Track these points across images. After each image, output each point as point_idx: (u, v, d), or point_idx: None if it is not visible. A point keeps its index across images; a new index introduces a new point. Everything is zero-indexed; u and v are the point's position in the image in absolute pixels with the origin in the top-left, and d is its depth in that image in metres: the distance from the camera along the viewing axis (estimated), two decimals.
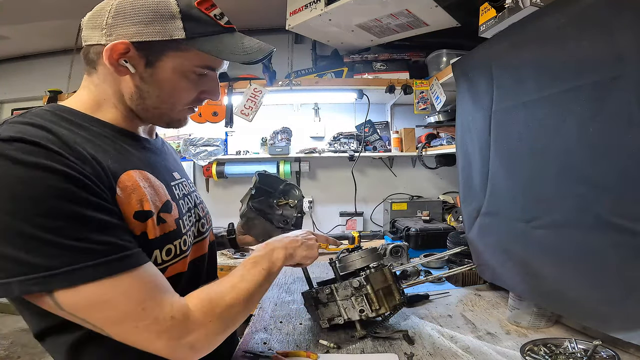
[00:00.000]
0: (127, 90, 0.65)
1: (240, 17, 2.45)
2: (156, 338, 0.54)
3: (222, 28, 0.66)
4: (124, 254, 0.52)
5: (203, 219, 0.82)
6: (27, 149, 0.49)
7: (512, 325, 1.00)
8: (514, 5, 1.03)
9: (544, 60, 0.87)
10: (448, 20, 1.79)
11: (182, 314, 0.56)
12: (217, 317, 0.60)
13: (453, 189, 2.54)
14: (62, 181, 0.49)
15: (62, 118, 0.59)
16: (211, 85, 0.71)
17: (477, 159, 1.15)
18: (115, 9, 0.61)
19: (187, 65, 0.65)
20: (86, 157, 0.54)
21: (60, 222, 0.48)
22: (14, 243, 0.47)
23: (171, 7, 0.61)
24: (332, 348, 0.88)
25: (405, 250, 1.54)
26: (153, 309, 0.53)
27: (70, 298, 0.50)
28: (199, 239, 0.79)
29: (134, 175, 0.61)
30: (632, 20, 0.64)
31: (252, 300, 0.68)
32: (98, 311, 0.51)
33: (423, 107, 2.03)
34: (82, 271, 0.49)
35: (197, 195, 0.84)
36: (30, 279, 0.47)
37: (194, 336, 0.57)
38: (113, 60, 0.61)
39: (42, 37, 2.62)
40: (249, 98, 2.06)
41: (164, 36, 0.61)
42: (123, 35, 0.60)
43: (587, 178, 0.76)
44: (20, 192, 0.47)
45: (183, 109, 0.70)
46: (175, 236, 0.67)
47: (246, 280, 0.68)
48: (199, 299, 0.60)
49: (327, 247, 1.98)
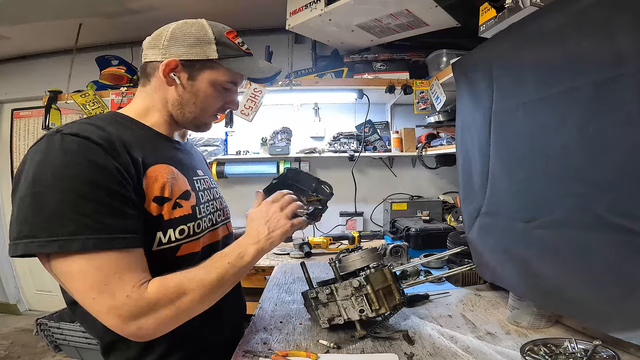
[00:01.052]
0: (171, 98, 0.83)
1: (240, 17, 2.46)
2: (106, 313, 0.62)
3: (244, 52, 0.86)
4: (114, 236, 0.63)
5: (219, 211, 0.95)
6: (76, 141, 0.64)
7: (512, 325, 1.00)
8: (514, 5, 1.03)
9: (544, 60, 0.87)
10: (448, 20, 1.80)
11: (138, 294, 0.63)
12: (170, 304, 0.66)
13: (453, 189, 2.54)
14: (94, 170, 0.63)
15: (116, 121, 0.78)
16: (233, 97, 0.90)
17: (477, 159, 1.15)
18: (170, 34, 0.80)
19: (218, 79, 0.83)
20: (123, 151, 0.69)
21: (78, 200, 0.61)
22: (38, 211, 0.60)
23: (209, 34, 0.81)
24: (332, 348, 0.88)
25: (405, 250, 1.54)
26: (115, 285, 0.62)
27: (60, 264, 0.62)
28: (214, 227, 0.90)
29: (160, 168, 0.76)
30: (632, 20, 0.64)
31: (212, 293, 0.72)
32: (73, 280, 0.63)
33: (423, 107, 2.03)
34: (75, 242, 0.60)
35: (217, 190, 0.99)
36: (34, 242, 0.59)
37: (143, 319, 0.63)
38: (166, 73, 0.79)
39: (42, 37, 2.62)
40: (249, 98, 2.06)
41: (203, 56, 0.80)
42: (174, 55, 0.80)
43: (587, 178, 0.76)
44: (59, 172, 0.62)
45: (210, 115, 0.88)
46: (190, 219, 0.79)
47: (209, 272, 0.72)
48: (159, 283, 0.67)
49: (327, 247, 1.99)
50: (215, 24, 0.84)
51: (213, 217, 0.90)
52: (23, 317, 3.08)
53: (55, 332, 1.88)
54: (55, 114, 2.28)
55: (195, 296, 0.69)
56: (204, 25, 0.82)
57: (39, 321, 1.92)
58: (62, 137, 0.64)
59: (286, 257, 1.91)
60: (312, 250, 1.94)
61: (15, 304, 3.14)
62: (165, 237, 0.74)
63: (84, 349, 1.84)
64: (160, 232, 0.73)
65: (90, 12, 2.19)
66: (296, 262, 1.78)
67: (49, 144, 0.64)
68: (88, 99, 2.17)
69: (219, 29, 0.83)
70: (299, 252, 1.90)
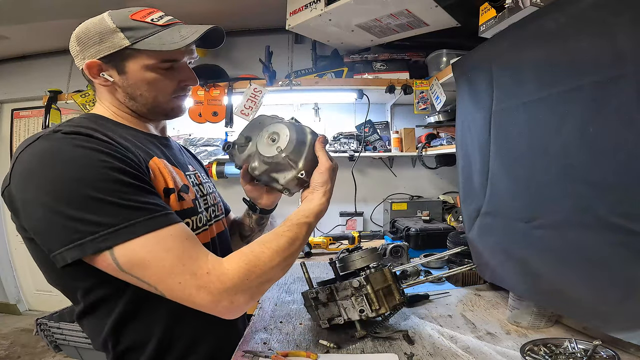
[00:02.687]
0: (120, 96, 0.79)
1: (240, 17, 2.46)
2: (196, 292, 0.61)
3: (160, 27, 0.76)
4: (167, 212, 0.64)
5: (213, 206, 0.93)
6: (83, 139, 0.63)
7: (512, 325, 1.00)
8: (514, 5, 1.03)
9: (544, 60, 0.87)
10: (448, 20, 1.79)
11: (219, 271, 0.63)
12: (254, 276, 0.65)
13: (453, 189, 2.54)
14: (113, 159, 0.62)
15: (98, 123, 0.74)
16: (185, 74, 0.82)
17: (477, 159, 1.15)
18: (76, 40, 0.76)
19: (148, 63, 0.76)
20: (125, 147, 0.68)
21: (116, 186, 0.60)
22: (82, 206, 0.58)
23: (109, 25, 0.74)
24: (332, 348, 0.88)
25: (405, 250, 1.54)
26: (192, 264, 0.61)
27: (127, 255, 0.59)
28: (212, 221, 0.90)
29: (159, 161, 0.76)
30: (632, 20, 0.64)
31: (291, 257, 0.74)
32: (150, 268, 0.60)
33: (423, 107, 2.03)
34: (137, 225, 0.59)
35: (209, 185, 0.96)
36: (98, 237, 0.57)
37: (232, 292, 0.63)
38: (94, 75, 0.76)
39: (42, 37, 2.62)
40: (249, 98, 2.06)
41: (115, 48, 0.74)
42: (90, 56, 0.75)
43: (587, 178, 0.76)
44: (84, 165, 0.60)
45: (170, 99, 0.82)
46: (192, 213, 0.79)
47: (286, 236, 0.73)
48: (235, 256, 0.66)
49: (327, 247, 1.99)
50: (119, 11, 0.77)
51: (208, 213, 0.89)
52: (23, 317, 3.08)
53: (55, 332, 1.88)
54: (55, 114, 2.28)
55: (276, 269, 0.70)
56: (104, 18, 0.75)
57: (39, 321, 1.91)
58: (64, 136, 0.63)
59: None
60: (312, 250, 1.94)
61: (15, 304, 3.14)
62: None
63: (84, 349, 1.83)
64: None
65: (90, 12, 2.18)
66: (296, 262, 1.78)
67: (51, 144, 0.62)
68: (88, 99, 2.17)
69: (123, 14, 0.76)
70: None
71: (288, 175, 0.84)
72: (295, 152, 0.82)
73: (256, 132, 0.89)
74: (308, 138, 0.84)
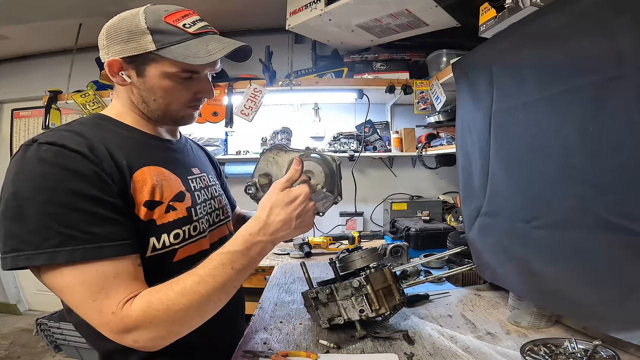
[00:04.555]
0: (134, 98, 0.78)
1: (240, 17, 2.46)
2: (100, 328, 0.61)
3: (189, 35, 0.74)
4: (102, 245, 0.61)
5: (218, 210, 0.92)
6: (54, 152, 0.62)
7: (512, 325, 1.00)
8: (514, 5, 1.03)
9: (544, 60, 0.87)
10: (448, 20, 1.79)
11: (124, 312, 0.61)
12: (157, 320, 0.61)
13: (453, 189, 2.54)
14: (73, 178, 0.61)
15: (98, 124, 0.75)
16: (203, 86, 0.80)
17: (477, 159, 1.15)
18: (105, 33, 0.74)
19: (168, 71, 0.74)
20: (105, 156, 0.66)
21: (60, 211, 0.59)
22: (22, 224, 0.58)
23: (141, 25, 0.71)
24: (332, 348, 0.88)
25: (405, 250, 1.54)
26: (102, 301, 0.60)
27: (49, 277, 0.60)
28: (213, 227, 0.88)
29: (149, 171, 0.73)
30: (632, 20, 0.64)
31: (212, 302, 0.66)
32: (63, 294, 0.61)
33: (423, 107, 2.03)
34: (61, 253, 0.58)
35: (216, 188, 0.94)
36: (22, 255, 0.58)
37: (135, 333, 0.61)
38: (113, 74, 0.75)
39: (42, 37, 2.62)
40: (249, 98, 2.06)
41: (140, 50, 0.72)
42: (114, 53, 0.73)
43: (587, 178, 0.76)
44: (37, 184, 0.60)
45: (182, 108, 0.80)
46: (185, 222, 0.77)
47: (206, 282, 0.65)
48: (142, 299, 0.62)
49: (327, 247, 1.99)
50: (156, 8, 0.74)
51: (211, 218, 0.87)
52: (23, 317, 3.08)
53: (55, 332, 1.88)
54: (55, 114, 2.28)
55: (192, 314, 0.64)
56: (139, 14, 0.72)
57: (39, 321, 1.92)
58: (37, 147, 0.62)
59: (286, 257, 1.91)
60: (312, 250, 1.94)
61: (15, 304, 3.14)
62: (159, 242, 0.71)
63: (84, 349, 1.83)
64: (153, 238, 0.70)
65: (90, 12, 2.18)
66: (296, 262, 1.78)
67: (24, 155, 0.62)
68: (88, 99, 2.17)
69: (158, 14, 0.73)
70: (299, 252, 1.90)
71: (327, 203, 0.89)
72: (330, 184, 0.86)
73: (274, 168, 0.88)
74: (334, 166, 0.89)
